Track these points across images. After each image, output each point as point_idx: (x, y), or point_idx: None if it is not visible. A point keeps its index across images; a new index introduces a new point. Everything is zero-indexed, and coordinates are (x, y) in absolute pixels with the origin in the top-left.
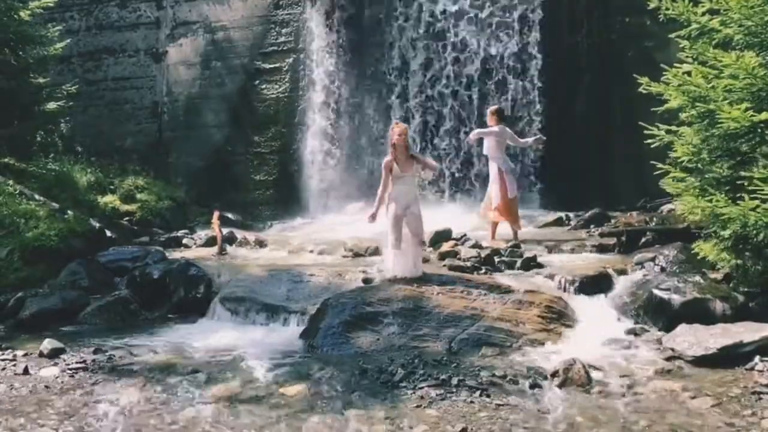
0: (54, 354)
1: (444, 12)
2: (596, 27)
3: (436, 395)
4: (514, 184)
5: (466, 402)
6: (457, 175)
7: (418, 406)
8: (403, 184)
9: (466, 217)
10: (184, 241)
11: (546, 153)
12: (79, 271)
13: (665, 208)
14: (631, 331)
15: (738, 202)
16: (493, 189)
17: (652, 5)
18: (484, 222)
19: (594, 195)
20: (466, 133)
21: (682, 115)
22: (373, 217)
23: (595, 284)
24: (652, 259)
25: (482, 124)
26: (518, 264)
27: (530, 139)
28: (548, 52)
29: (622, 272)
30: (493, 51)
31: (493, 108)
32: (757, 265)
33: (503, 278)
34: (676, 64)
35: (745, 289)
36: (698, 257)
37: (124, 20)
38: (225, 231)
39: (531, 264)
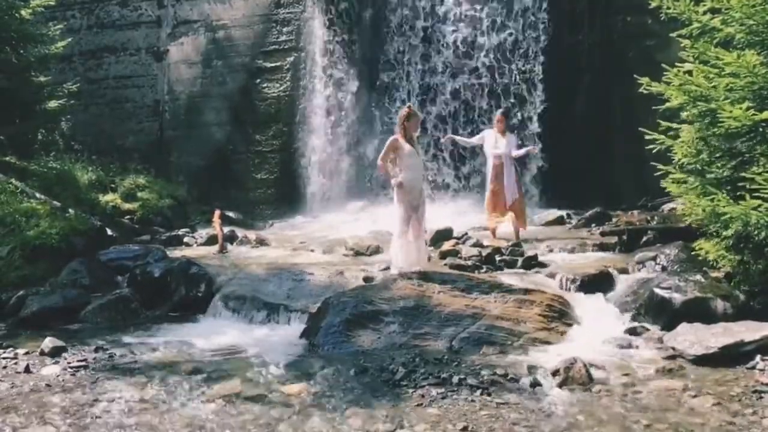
0: (55, 352)
1: (445, 10)
2: (597, 26)
3: (437, 394)
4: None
5: (467, 400)
6: (458, 172)
7: (419, 405)
8: (415, 168)
9: (467, 216)
10: (185, 239)
11: (547, 152)
12: (80, 270)
13: (666, 207)
14: (632, 330)
15: (739, 201)
16: (513, 188)
17: (653, 4)
18: (496, 222)
19: (595, 194)
20: (470, 132)
21: (683, 114)
22: (401, 183)
23: (596, 283)
24: (653, 258)
25: (482, 121)
26: (519, 263)
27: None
28: (549, 51)
29: (623, 271)
30: (494, 50)
31: (504, 111)
32: (758, 264)
33: (504, 277)
34: (677, 64)
35: (746, 288)
36: (699, 256)
37: (125, 19)
38: (226, 229)
39: (532, 263)
